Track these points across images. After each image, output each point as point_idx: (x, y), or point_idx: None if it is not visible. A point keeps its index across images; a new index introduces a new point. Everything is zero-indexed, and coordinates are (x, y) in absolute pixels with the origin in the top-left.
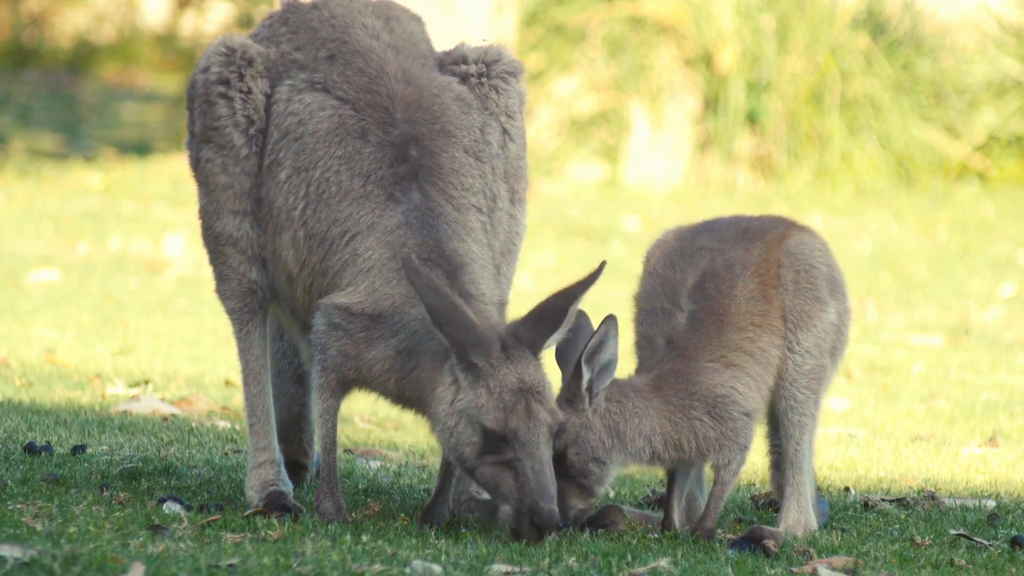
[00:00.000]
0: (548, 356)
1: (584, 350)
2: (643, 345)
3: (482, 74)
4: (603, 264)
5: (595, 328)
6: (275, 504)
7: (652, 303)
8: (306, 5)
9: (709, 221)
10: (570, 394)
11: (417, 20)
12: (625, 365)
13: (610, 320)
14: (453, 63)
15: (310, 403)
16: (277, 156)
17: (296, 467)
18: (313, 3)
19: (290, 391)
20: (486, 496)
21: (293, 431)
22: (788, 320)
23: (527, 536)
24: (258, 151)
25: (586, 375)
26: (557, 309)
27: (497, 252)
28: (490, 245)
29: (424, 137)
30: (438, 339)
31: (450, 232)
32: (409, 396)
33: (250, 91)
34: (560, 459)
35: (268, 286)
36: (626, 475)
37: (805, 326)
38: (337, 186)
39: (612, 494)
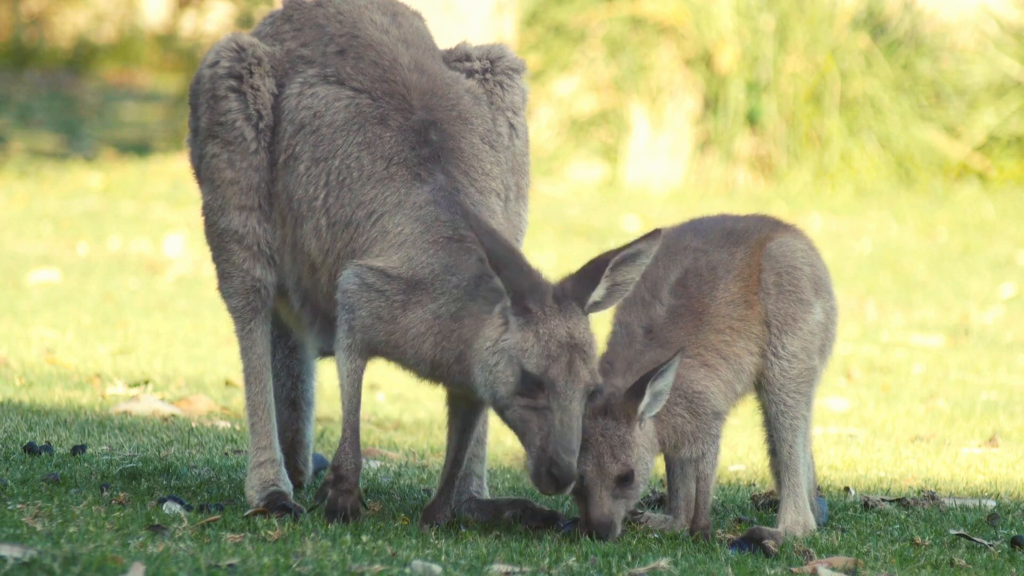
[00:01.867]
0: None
1: (652, 374)
2: (619, 332)
3: (487, 70)
4: (657, 231)
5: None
6: (275, 504)
7: (632, 294)
8: (309, 3)
9: (694, 220)
10: (624, 413)
11: (420, 17)
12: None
13: (681, 352)
14: (457, 60)
15: (303, 427)
16: (294, 150)
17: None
18: (316, 1)
19: (283, 416)
20: (486, 497)
21: (288, 456)
22: (772, 325)
23: (543, 487)
24: (266, 146)
25: (647, 399)
26: (598, 265)
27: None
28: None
29: (443, 122)
30: (486, 290)
31: (477, 211)
32: (445, 359)
33: (259, 88)
34: (627, 480)
35: (272, 283)
36: None
37: (790, 330)
38: (359, 171)
39: None
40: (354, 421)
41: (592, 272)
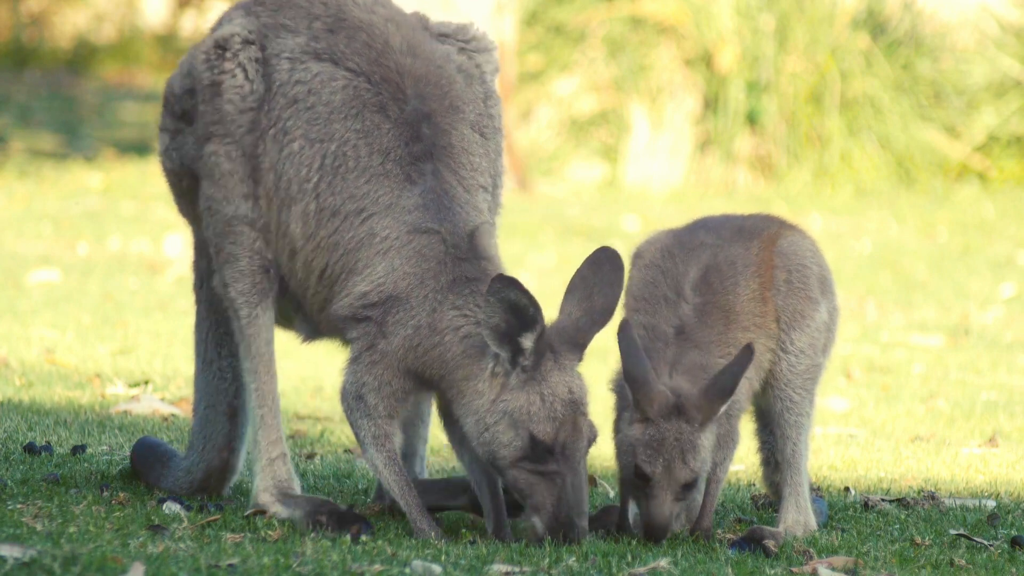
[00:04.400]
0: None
1: (730, 374)
2: (645, 335)
3: (469, 45)
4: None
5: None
6: (346, 520)
7: (652, 293)
8: None
9: (700, 220)
10: (702, 415)
11: None
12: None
13: (752, 352)
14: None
15: (238, 447)
16: (284, 124)
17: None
18: None
19: (221, 427)
20: (427, 477)
21: (217, 480)
22: (781, 321)
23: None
24: (253, 129)
25: (728, 402)
26: (607, 304)
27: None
28: (492, 224)
29: (435, 114)
30: (464, 297)
31: (464, 215)
32: (430, 375)
33: (243, 73)
34: (692, 486)
35: (276, 266)
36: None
37: (799, 326)
38: (355, 160)
39: (612, 494)
40: (413, 501)
41: (602, 313)
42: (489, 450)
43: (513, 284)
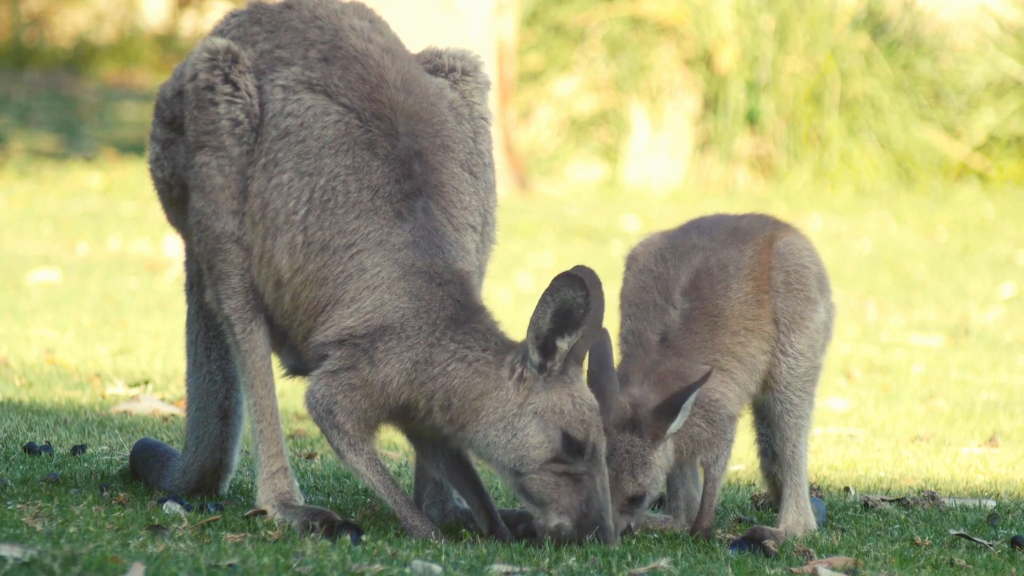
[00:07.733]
0: None
1: (684, 394)
2: (632, 341)
3: (465, 73)
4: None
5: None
6: (336, 526)
7: (643, 298)
8: (276, 5)
9: (694, 220)
10: (652, 432)
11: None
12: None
13: (711, 372)
14: (429, 62)
15: (231, 447)
16: (275, 156)
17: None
18: (285, 3)
19: (213, 429)
20: (466, 507)
21: (212, 479)
22: (780, 323)
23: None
24: (248, 149)
25: (680, 419)
26: (596, 323)
27: (482, 268)
28: (480, 265)
29: (426, 152)
30: (470, 334)
31: (453, 254)
32: (428, 405)
33: (237, 88)
34: (638, 501)
35: (262, 293)
36: None
37: (798, 328)
38: (344, 196)
39: None
40: (401, 500)
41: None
42: (517, 455)
43: (575, 283)
